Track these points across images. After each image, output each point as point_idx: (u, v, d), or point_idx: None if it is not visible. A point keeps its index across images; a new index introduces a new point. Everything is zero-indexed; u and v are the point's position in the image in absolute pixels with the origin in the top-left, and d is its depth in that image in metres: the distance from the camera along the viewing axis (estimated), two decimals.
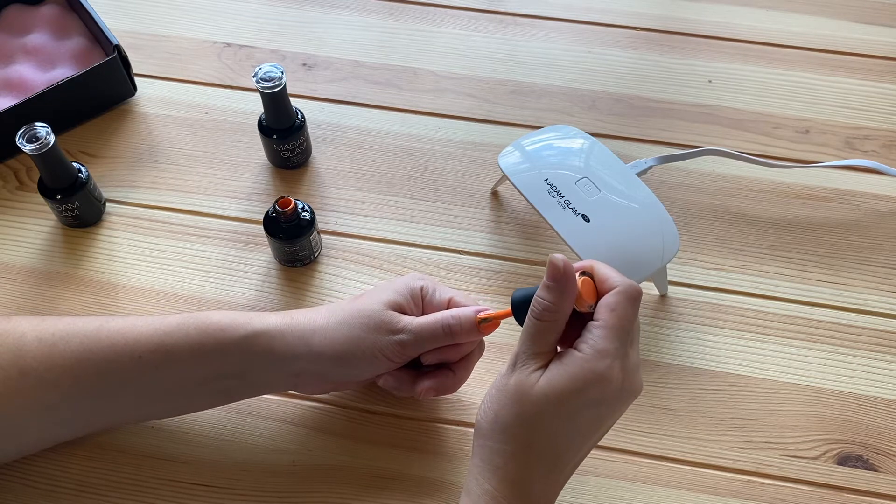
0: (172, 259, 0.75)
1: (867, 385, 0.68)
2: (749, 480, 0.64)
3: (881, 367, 0.69)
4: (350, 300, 0.62)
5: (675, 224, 0.68)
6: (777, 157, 0.81)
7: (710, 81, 0.87)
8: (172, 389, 0.60)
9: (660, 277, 0.71)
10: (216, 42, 0.90)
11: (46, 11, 0.88)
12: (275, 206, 0.70)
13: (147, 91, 0.86)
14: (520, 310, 0.55)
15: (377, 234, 0.77)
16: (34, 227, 0.77)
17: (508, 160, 0.72)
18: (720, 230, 0.77)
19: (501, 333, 0.63)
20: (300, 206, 0.71)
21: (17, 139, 0.69)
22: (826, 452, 0.65)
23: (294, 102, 0.78)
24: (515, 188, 0.71)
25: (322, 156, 0.82)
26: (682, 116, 0.84)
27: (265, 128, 0.78)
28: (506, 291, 0.73)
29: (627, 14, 0.93)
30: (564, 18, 0.92)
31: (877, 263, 0.75)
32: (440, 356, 0.61)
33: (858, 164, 0.80)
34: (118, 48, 0.81)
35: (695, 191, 0.79)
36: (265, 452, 0.65)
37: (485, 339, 0.63)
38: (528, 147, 0.73)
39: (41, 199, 0.76)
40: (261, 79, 0.73)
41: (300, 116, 0.78)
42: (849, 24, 0.91)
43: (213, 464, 0.64)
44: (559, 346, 0.53)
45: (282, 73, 0.73)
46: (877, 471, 0.65)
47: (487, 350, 0.65)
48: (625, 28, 0.92)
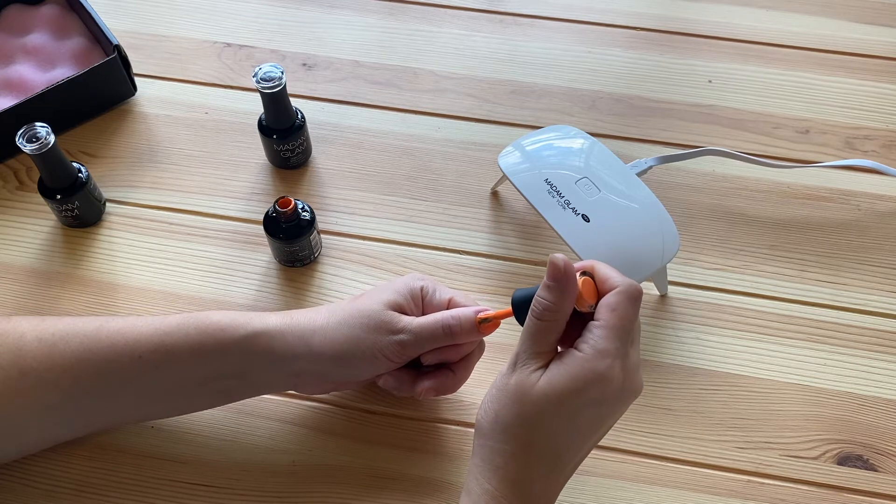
0: (172, 259, 0.75)
1: (867, 385, 0.68)
2: (749, 480, 0.64)
3: (881, 367, 0.69)
4: (350, 300, 0.62)
5: (675, 224, 0.68)
6: (777, 157, 0.81)
7: (710, 81, 0.87)
8: (172, 389, 0.60)
9: (660, 277, 0.71)
10: (216, 42, 0.90)
11: (46, 11, 0.88)
12: (275, 206, 0.70)
13: (147, 91, 0.86)
14: (520, 309, 0.55)
15: (377, 234, 0.77)
16: (34, 227, 0.77)
17: (508, 160, 0.72)
18: (720, 230, 0.77)
19: (501, 333, 0.63)
20: (300, 206, 0.71)
21: (17, 139, 0.69)
22: (826, 452, 0.65)
23: (294, 102, 0.78)
24: (515, 188, 0.71)
25: (322, 156, 0.82)
26: (682, 116, 0.84)
27: (265, 128, 0.78)
28: (506, 291, 0.73)
29: (627, 14, 0.93)
30: (564, 18, 0.92)
31: (877, 263, 0.75)
32: (440, 356, 0.61)
33: (858, 164, 0.80)
34: (118, 48, 0.81)
35: (695, 191, 0.79)
36: (265, 452, 0.65)
37: (485, 340, 0.63)
38: (528, 147, 0.73)
39: (41, 199, 0.76)
40: (261, 79, 0.73)
41: (300, 116, 0.78)
42: (849, 24, 0.91)
43: (213, 464, 0.64)
44: (560, 346, 0.53)
45: (282, 73, 0.73)
46: (877, 471, 0.65)
47: (487, 350, 0.65)
48: (625, 28, 0.92)
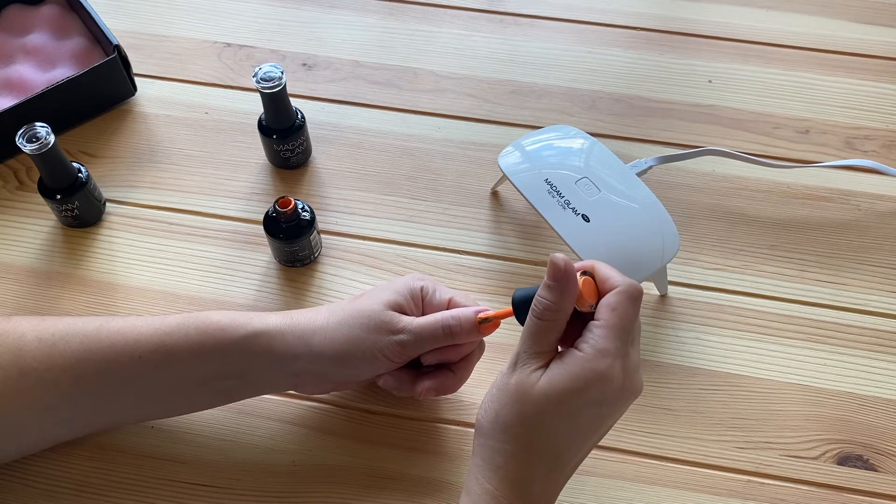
0: (172, 259, 0.75)
1: (867, 385, 0.68)
2: (749, 480, 0.64)
3: (881, 367, 0.69)
4: (350, 300, 0.62)
5: (675, 224, 0.68)
6: (777, 157, 0.81)
7: (710, 81, 0.87)
8: (172, 389, 0.60)
9: (660, 277, 0.71)
10: (216, 42, 0.90)
11: (46, 11, 0.88)
12: (275, 206, 0.70)
13: (147, 91, 0.86)
14: (521, 309, 0.55)
15: (377, 234, 0.77)
16: (34, 227, 0.77)
17: (508, 160, 0.72)
18: (720, 230, 0.77)
19: (501, 333, 0.63)
20: (300, 206, 0.71)
21: (17, 139, 0.69)
22: (826, 452, 0.65)
23: (294, 102, 0.78)
24: (515, 188, 0.71)
25: (322, 156, 0.82)
26: (682, 116, 0.84)
27: (265, 128, 0.78)
28: (506, 291, 0.73)
29: (627, 14, 0.93)
30: (564, 18, 0.92)
31: (877, 263, 0.75)
32: (440, 356, 0.61)
33: (858, 164, 0.80)
34: (118, 48, 0.81)
35: (695, 191, 0.79)
36: (265, 452, 0.65)
37: (485, 340, 0.63)
38: (528, 147, 0.73)
39: (41, 199, 0.76)
40: (261, 79, 0.73)
41: (300, 116, 0.78)
42: (849, 24, 0.91)
43: (213, 464, 0.64)
44: (560, 346, 0.53)
45: (282, 73, 0.73)
46: (877, 471, 0.65)
47: (487, 350, 0.65)
48: (625, 28, 0.92)
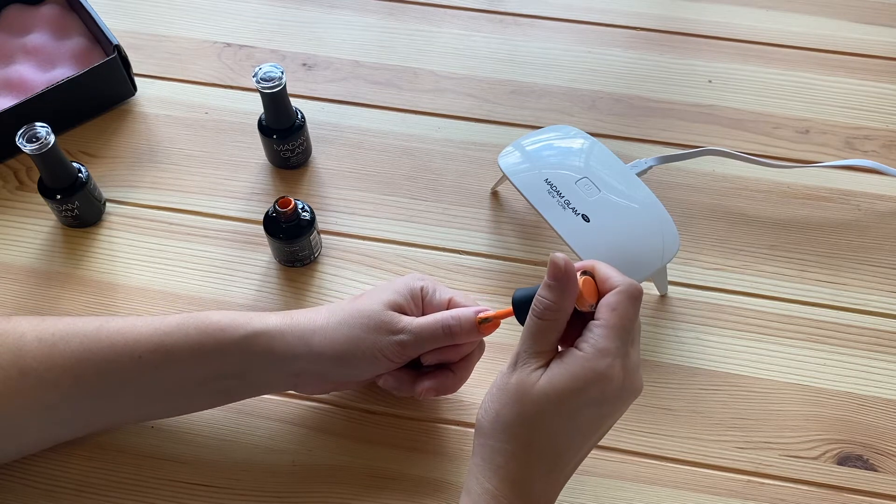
0: (172, 259, 0.75)
1: (867, 385, 0.68)
2: (749, 480, 0.64)
3: (881, 367, 0.69)
4: (350, 300, 0.62)
5: (675, 224, 0.68)
6: (777, 157, 0.81)
7: (710, 81, 0.87)
8: (172, 389, 0.60)
9: (660, 277, 0.71)
10: (216, 42, 0.90)
11: (46, 11, 0.88)
12: (275, 206, 0.70)
13: (147, 91, 0.86)
14: (521, 309, 0.55)
15: (377, 234, 0.77)
16: (34, 227, 0.77)
17: (508, 160, 0.72)
18: (720, 230, 0.77)
19: (502, 333, 0.63)
20: (300, 206, 0.71)
21: (17, 139, 0.69)
22: (826, 452, 0.65)
23: (294, 102, 0.78)
24: (515, 188, 0.71)
25: (322, 156, 0.82)
26: (682, 116, 0.84)
27: (265, 128, 0.78)
28: (506, 291, 0.73)
29: (627, 14, 0.93)
30: (564, 18, 0.92)
31: (877, 263, 0.75)
32: (440, 356, 0.61)
33: (858, 164, 0.80)
34: (118, 48, 0.81)
35: (695, 191, 0.79)
36: (265, 452, 0.65)
37: (485, 340, 0.63)
38: (528, 147, 0.73)
39: (41, 199, 0.76)
40: (261, 79, 0.73)
41: (300, 116, 0.78)
42: (849, 24, 0.91)
43: (213, 464, 0.64)
44: (560, 346, 0.53)
45: (282, 73, 0.73)
46: (877, 471, 0.65)
47: (487, 350, 0.65)
48: (625, 28, 0.92)
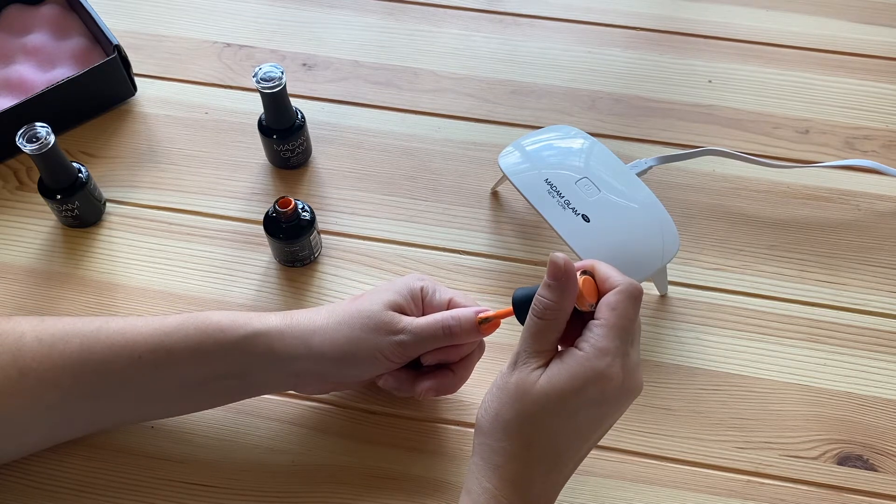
0: (172, 259, 0.75)
1: (867, 385, 0.68)
2: (749, 480, 0.64)
3: (881, 367, 0.69)
4: (350, 300, 0.62)
5: (675, 224, 0.68)
6: (777, 157, 0.81)
7: (710, 81, 0.87)
8: (172, 389, 0.60)
9: (660, 277, 0.71)
10: (216, 42, 0.90)
11: (46, 11, 0.88)
12: (275, 206, 0.70)
13: (147, 91, 0.86)
14: (521, 308, 0.55)
15: (377, 234, 0.77)
16: (34, 227, 0.77)
17: (508, 160, 0.72)
18: (720, 230, 0.77)
19: (502, 333, 0.63)
20: (300, 206, 0.71)
21: (17, 139, 0.69)
22: (826, 452, 0.65)
23: (294, 102, 0.78)
24: (515, 188, 0.71)
25: (322, 156, 0.82)
26: (682, 116, 0.84)
27: (265, 128, 0.78)
28: (506, 291, 0.73)
29: (627, 14, 0.93)
30: (564, 18, 0.92)
31: (877, 263, 0.75)
32: (440, 357, 0.61)
33: (858, 164, 0.80)
34: (118, 48, 0.81)
35: (695, 191, 0.79)
36: (265, 452, 0.65)
37: (485, 340, 0.63)
38: (528, 147, 0.73)
39: (41, 199, 0.76)
40: (261, 79, 0.73)
41: (300, 116, 0.78)
42: (849, 24, 0.91)
43: (213, 464, 0.64)
44: (560, 345, 0.53)
45: (282, 73, 0.73)
46: (877, 471, 0.65)
47: (487, 350, 0.65)
48: (624, 28, 0.92)
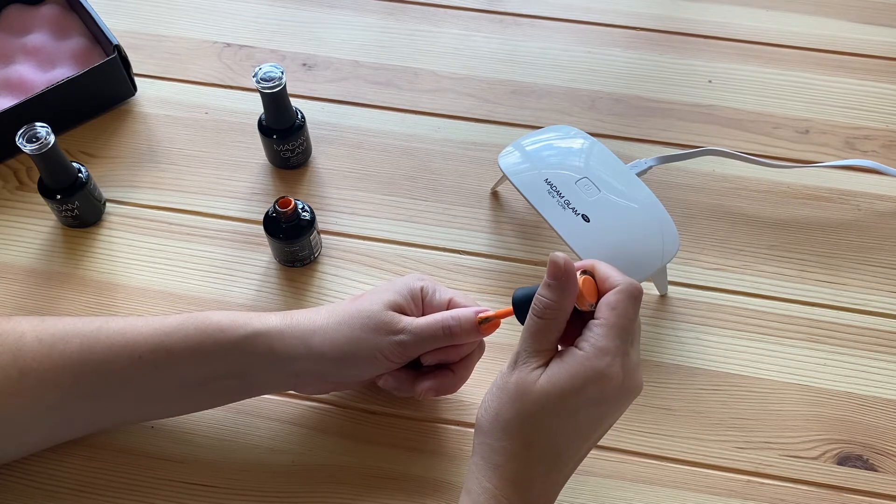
0: (172, 259, 0.75)
1: (867, 385, 0.68)
2: (749, 480, 0.64)
3: (881, 367, 0.69)
4: (350, 300, 0.62)
5: (675, 224, 0.68)
6: (777, 157, 0.81)
7: (710, 81, 0.87)
8: (172, 389, 0.60)
9: (660, 277, 0.71)
10: (216, 42, 0.90)
11: (46, 11, 0.88)
12: (275, 206, 0.70)
13: (147, 91, 0.86)
14: (521, 308, 0.55)
15: (377, 234, 0.77)
16: (34, 227, 0.77)
17: (508, 160, 0.72)
18: (720, 230, 0.77)
19: (502, 333, 0.63)
20: (300, 206, 0.71)
21: (17, 139, 0.69)
22: (826, 452, 0.65)
23: (294, 102, 0.78)
24: (515, 188, 0.71)
25: (322, 156, 0.82)
26: (682, 116, 0.85)
27: (265, 128, 0.78)
28: (506, 291, 0.73)
29: (627, 14, 0.93)
30: (564, 18, 0.92)
31: (877, 263, 0.75)
32: (440, 357, 0.61)
33: (858, 164, 0.80)
34: (118, 48, 0.81)
35: (695, 191, 0.79)
36: (265, 452, 0.65)
37: (485, 340, 0.63)
38: (528, 147, 0.73)
39: (41, 199, 0.76)
40: (261, 79, 0.73)
41: (300, 116, 0.78)
42: (849, 24, 0.91)
43: (213, 464, 0.64)
44: (560, 345, 0.53)
45: (282, 73, 0.73)
46: (877, 471, 0.65)
47: (487, 350, 0.65)
48: (624, 28, 0.92)
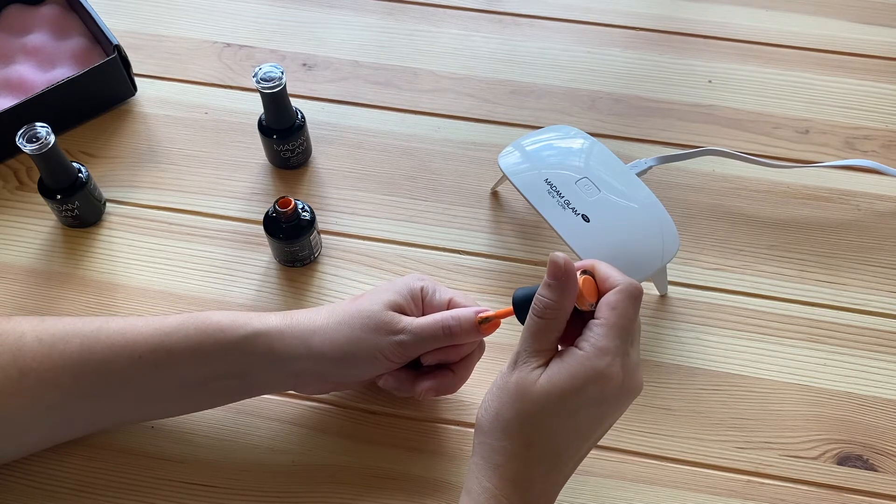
0: (172, 259, 0.75)
1: (867, 385, 0.68)
2: (749, 480, 0.64)
3: (881, 367, 0.69)
4: (350, 300, 0.62)
5: (675, 224, 0.68)
6: (777, 157, 0.81)
7: (710, 81, 0.87)
8: (172, 389, 0.60)
9: (660, 277, 0.71)
10: (216, 42, 0.90)
11: (46, 11, 0.88)
12: (275, 206, 0.70)
13: (147, 91, 0.86)
14: (521, 308, 0.55)
15: (377, 234, 0.77)
16: (34, 227, 0.77)
17: (508, 160, 0.72)
18: (720, 230, 0.77)
19: (502, 333, 0.63)
20: (300, 206, 0.71)
21: (17, 139, 0.69)
22: (826, 452, 0.65)
23: (294, 102, 0.78)
24: (515, 188, 0.71)
25: (322, 156, 0.82)
26: (682, 116, 0.85)
27: (265, 128, 0.78)
28: (506, 291, 0.73)
29: (627, 14, 0.93)
30: (563, 18, 0.92)
31: (877, 263, 0.75)
32: (440, 357, 0.61)
33: (858, 164, 0.80)
34: (118, 48, 0.81)
35: (695, 191, 0.79)
36: (265, 452, 0.65)
37: (485, 340, 0.63)
38: (528, 147, 0.73)
39: (41, 199, 0.76)
40: (261, 79, 0.73)
41: (300, 116, 0.78)
42: (849, 24, 0.91)
43: (213, 464, 0.64)
44: (560, 345, 0.53)
45: (282, 73, 0.73)
46: (877, 471, 0.65)
47: (488, 350, 0.65)
48: (624, 28, 0.92)
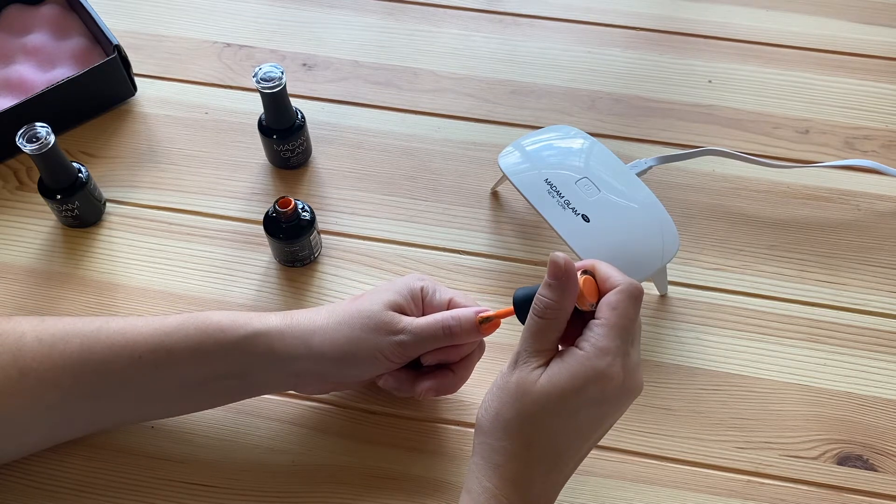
0: (172, 259, 0.75)
1: (867, 385, 0.68)
2: (749, 480, 0.64)
3: (881, 367, 0.69)
4: (350, 300, 0.62)
5: (675, 224, 0.68)
6: (777, 157, 0.81)
7: (710, 81, 0.87)
8: (172, 389, 0.60)
9: (660, 277, 0.71)
10: (216, 42, 0.90)
11: (46, 11, 0.88)
12: (275, 206, 0.70)
13: (147, 91, 0.86)
14: (522, 308, 0.55)
15: (377, 234, 0.77)
16: (34, 227, 0.77)
17: (508, 160, 0.72)
18: (720, 230, 0.77)
19: (502, 333, 0.63)
20: (300, 206, 0.71)
21: (17, 139, 0.69)
22: (826, 452, 0.65)
23: (294, 102, 0.78)
24: (515, 188, 0.71)
25: (322, 156, 0.82)
26: (682, 116, 0.85)
27: (265, 128, 0.78)
28: (506, 291, 0.73)
29: (627, 14, 0.93)
30: (564, 18, 0.92)
31: (877, 263, 0.75)
32: (440, 357, 0.61)
33: (858, 164, 0.80)
34: (118, 48, 0.81)
35: (695, 191, 0.79)
36: (265, 452, 0.65)
37: (485, 340, 0.63)
38: (528, 147, 0.73)
39: (41, 199, 0.76)
40: (261, 79, 0.73)
41: (300, 116, 0.78)
42: (849, 24, 0.91)
43: (213, 464, 0.64)
44: (561, 345, 0.53)
45: (282, 73, 0.73)
46: (877, 471, 0.65)
47: (488, 350, 0.65)
48: (624, 28, 0.92)
